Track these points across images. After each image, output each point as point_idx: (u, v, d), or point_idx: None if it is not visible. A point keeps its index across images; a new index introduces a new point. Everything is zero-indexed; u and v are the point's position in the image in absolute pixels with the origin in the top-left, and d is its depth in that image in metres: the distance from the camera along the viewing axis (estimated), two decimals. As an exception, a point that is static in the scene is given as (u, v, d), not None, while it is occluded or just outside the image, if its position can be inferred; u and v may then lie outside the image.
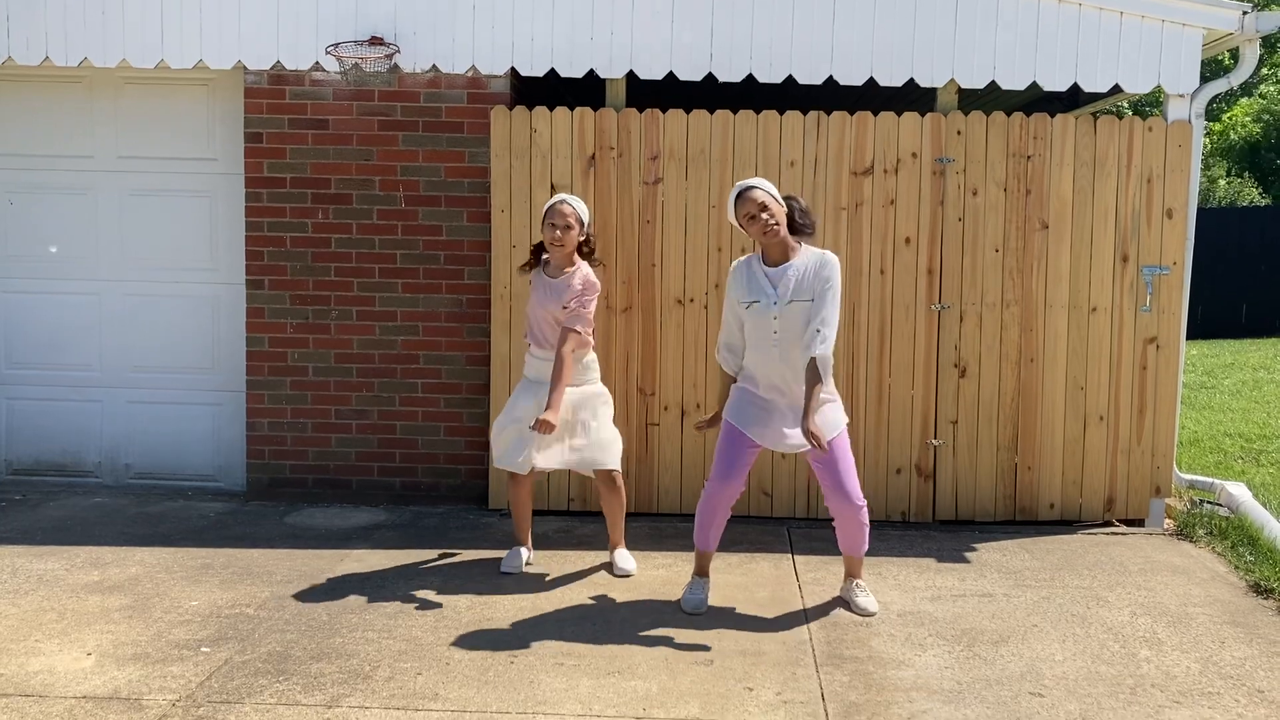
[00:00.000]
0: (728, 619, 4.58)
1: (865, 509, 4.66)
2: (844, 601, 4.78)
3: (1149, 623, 4.62)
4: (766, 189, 4.52)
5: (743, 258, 4.68)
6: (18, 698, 3.77)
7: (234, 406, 6.47)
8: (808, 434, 4.34)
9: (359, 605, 4.67)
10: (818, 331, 4.40)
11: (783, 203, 4.55)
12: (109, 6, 6.06)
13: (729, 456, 4.63)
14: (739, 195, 4.51)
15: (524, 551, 5.26)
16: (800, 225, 4.58)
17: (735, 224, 4.59)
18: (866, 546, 4.76)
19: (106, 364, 6.57)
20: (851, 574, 4.82)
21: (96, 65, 6.12)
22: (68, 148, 6.46)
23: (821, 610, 4.71)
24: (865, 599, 4.73)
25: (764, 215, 4.45)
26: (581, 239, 5.01)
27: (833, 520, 4.73)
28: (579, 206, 4.99)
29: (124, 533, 5.67)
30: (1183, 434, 8.36)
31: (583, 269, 5.00)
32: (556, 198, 5.01)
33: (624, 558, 5.26)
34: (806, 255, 4.55)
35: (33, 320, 6.56)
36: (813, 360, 4.40)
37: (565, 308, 4.91)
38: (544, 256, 5.11)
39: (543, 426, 4.76)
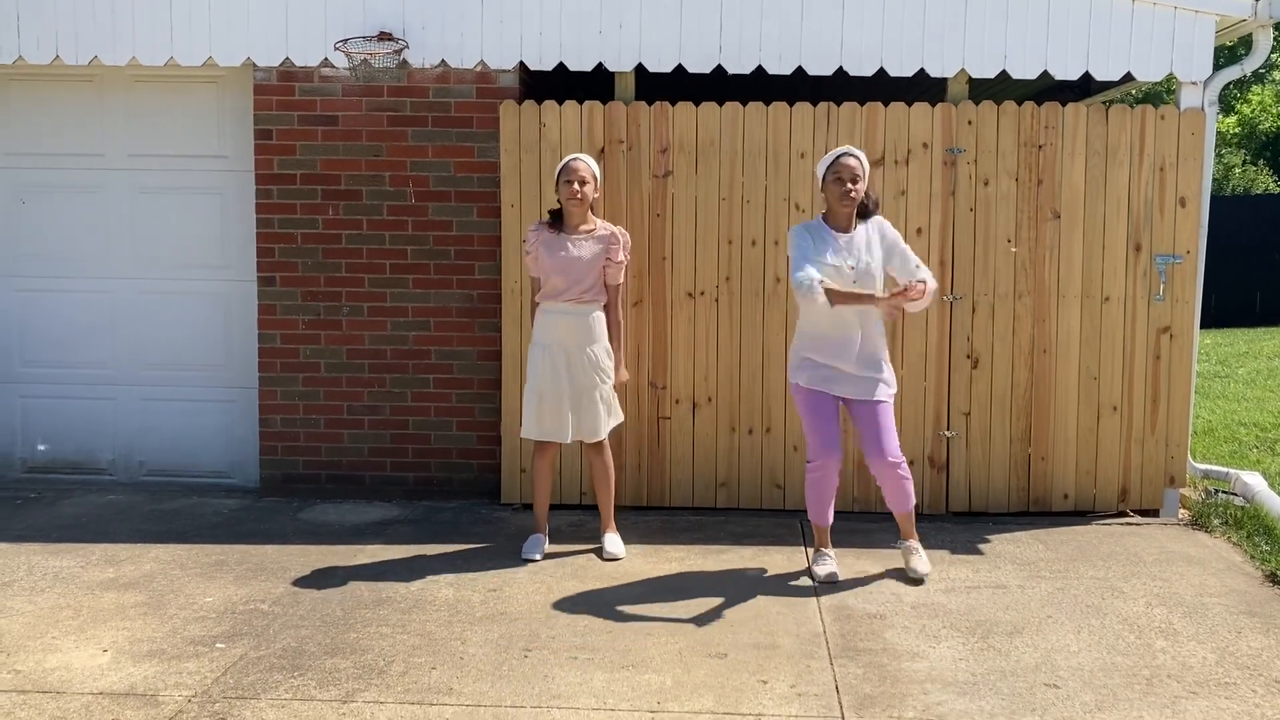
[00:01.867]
0: (742, 611, 4.58)
1: (905, 464, 4.97)
2: (879, 578, 5.04)
3: (1165, 613, 4.60)
4: (862, 162, 4.87)
5: (800, 224, 4.96)
6: (35, 694, 3.78)
7: (246, 403, 6.48)
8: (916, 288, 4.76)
9: (373, 600, 4.68)
10: (920, 267, 4.94)
11: (867, 179, 4.93)
12: (118, 5, 6.07)
13: (818, 425, 4.93)
14: (838, 158, 4.85)
15: (543, 539, 5.33)
16: (868, 209, 4.94)
17: (819, 179, 4.93)
18: (913, 502, 5.07)
19: (119, 362, 6.59)
20: (905, 534, 5.13)
21: (106, 64, 6.13)
22: (78, 146, 6.48)
23: (835, 603, 4.70)
24: (917, 560, 5.04)
25: (851, 188, 4.81)
26: (595, 195, 5.25)
27: (839, 510, 5.02)
28: (591, 163, 5.23)
29: (138, 530, 5.70)
30: (1197, 423, 8.32)
31: (608, 224, 5.30)
32: (569, 156, 5.24)
33: (614, 542, 5.35)
34: (863, 225, 4.94)
35: (46, 318, 6.58)
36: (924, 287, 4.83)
37: (616, 261, 5.22)
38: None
39: (621, 380, 5.31)
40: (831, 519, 5.11)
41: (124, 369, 6.59)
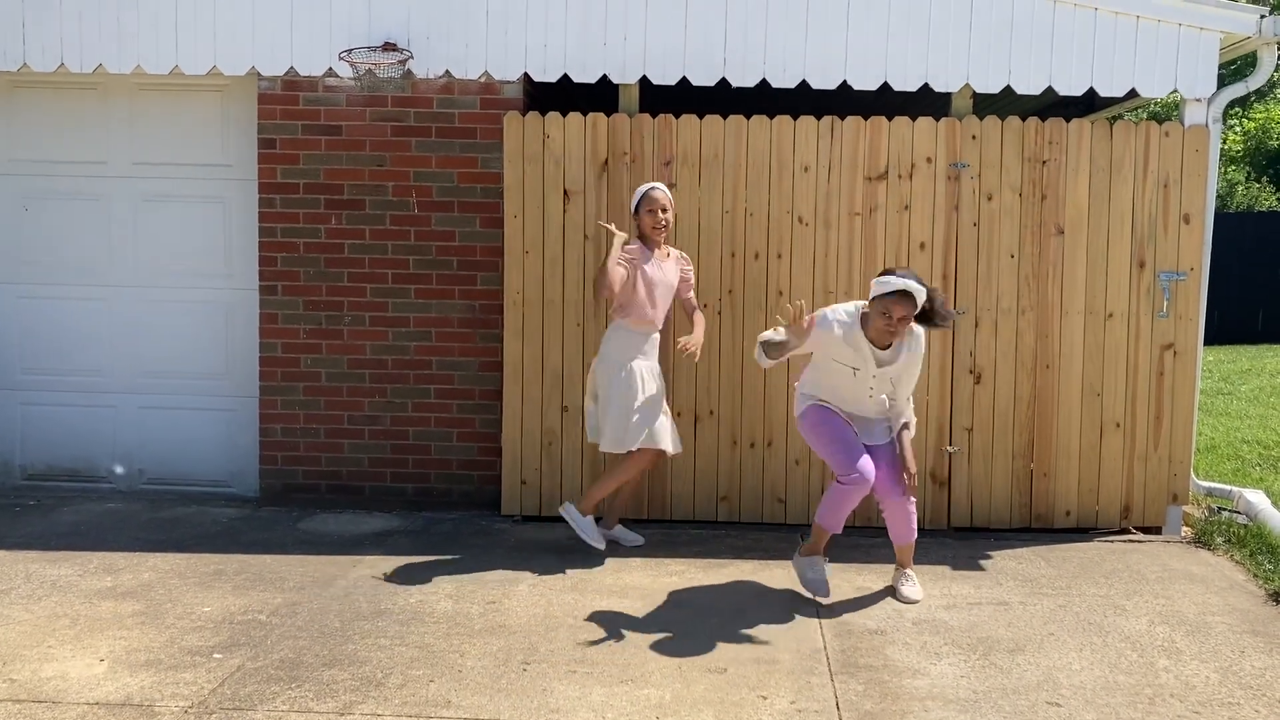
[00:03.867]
0: (742, 626, 4.55)
1: (912, 500, 4.92)
2: (892, 591, 5.02)
3: (1167, 632, 4.57)
4: (916, 294, 4.54)
5: (844, 324, 4.68)
6: (31, 704, 3.76)
7: (247, 412, 6.46)
8: (908, 473, 4.79)
9: (371, 612, 4.65)
10: (906, 403, 4.87)
11: (920, 300, 4.60)
12: (124, 13, 6.08)
13: (840, 436, 4.79)
14: (896, 292, 4.54)
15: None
16: (935, 320, 4.69)
17: (867, 304, 4.70)
18: (914, 536, 4.99)
19: (120, 369, 6.57)
20: (902, 564, 5.05)
21: (111, 71, 6.14)
22: (82, 153, 6.47)
23: (836, 618, 4.68)
24: (909, 588, 4.97)
25: (898, 325, 4.60)
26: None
27: (853, 524, 5.13)
28: (667, 191, 5.47)
29: (137, 538, 5.68)
30: (1200, 440, 8.29)
31: (670, 247, 5.59)
32: (646, 186, 5.42)
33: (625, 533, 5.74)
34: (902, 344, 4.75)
35: (47, 326, 6.57)
36: (905, 425, 4.88)
37: (689, 281, 5.59)
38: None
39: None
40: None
41: (125, 377, 6.58)
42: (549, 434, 6.09)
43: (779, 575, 5.24)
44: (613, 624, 4.56)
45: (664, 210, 5.37)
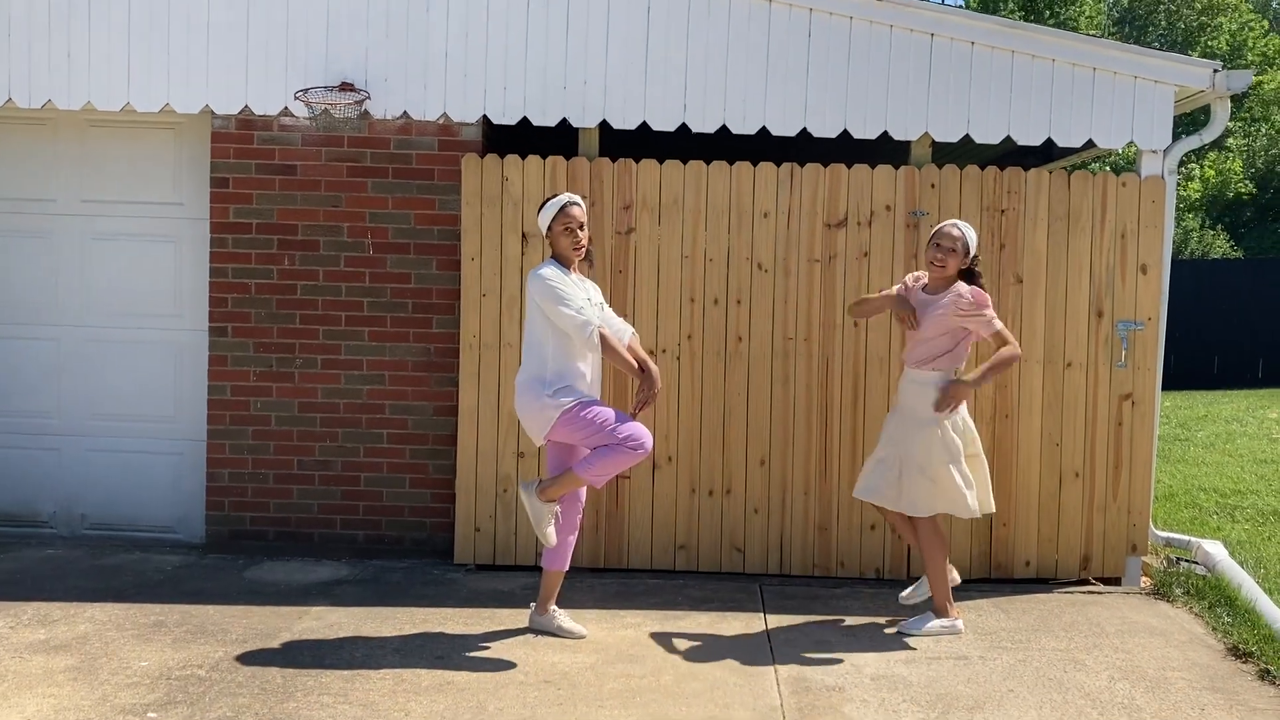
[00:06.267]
0: (697, 682, 4.44)
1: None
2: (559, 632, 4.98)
3: (1127, 688, 4.51)
4: (582, 202, 4.86)
5: (552, 264, 4.78)
6: (-50, 768, 3.59)
7: (195, 456, 6.30)
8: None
9: (315, 666, 4.50)
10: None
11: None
12: (74, 48, 5.97)
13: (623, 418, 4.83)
14: (567, 204, 4.80)
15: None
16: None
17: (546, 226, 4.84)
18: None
19: (65, 411, 6.40)
20: (553, 597, 5.06)
21: (60, 107, 6.02)
22: (30, 190, 6.33)
23: (793, 674, 4.58)
24: (574, 624, 4.99)
25: (581, 233, 4.81)
26: (963, 266, 5.08)
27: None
28: (969, 232, 5.07)
29: (76, 587, 5.49)
30: (1158, 488, 8.30)
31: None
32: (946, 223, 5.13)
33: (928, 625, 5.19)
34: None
35: (-11, 365, 6.39)
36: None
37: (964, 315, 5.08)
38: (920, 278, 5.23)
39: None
40: None
41: (70, 419, 6.40)
42: (504, 480, 5.98)
43: (735, 627, 5.14)
44: (565, 680, 4.44)
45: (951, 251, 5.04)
